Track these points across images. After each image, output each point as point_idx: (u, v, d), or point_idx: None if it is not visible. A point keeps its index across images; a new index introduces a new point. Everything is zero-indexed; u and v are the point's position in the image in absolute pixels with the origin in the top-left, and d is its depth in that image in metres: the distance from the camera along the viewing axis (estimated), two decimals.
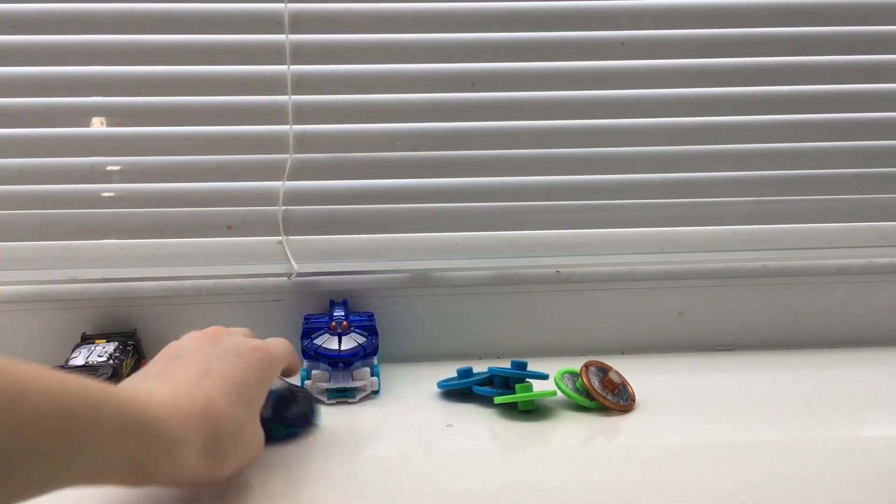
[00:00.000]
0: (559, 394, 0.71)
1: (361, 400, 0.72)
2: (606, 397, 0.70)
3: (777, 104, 0.86)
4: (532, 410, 0.70)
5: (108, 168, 0.83)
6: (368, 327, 0.77)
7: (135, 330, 0.82)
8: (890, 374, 0.80)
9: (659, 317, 0.88)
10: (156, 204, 0.83)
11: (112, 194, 0.84)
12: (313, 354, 0.72)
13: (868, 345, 0.87)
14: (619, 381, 0.71)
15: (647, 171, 0.87)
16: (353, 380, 0.72)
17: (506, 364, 0.74)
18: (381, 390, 0.75)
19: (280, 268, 0.84)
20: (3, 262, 0.83)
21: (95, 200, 0.83)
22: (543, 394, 0.69)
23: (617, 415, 0.69)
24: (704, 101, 0.86)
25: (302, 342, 0.74)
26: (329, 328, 0.75)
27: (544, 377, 0.73)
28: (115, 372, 0.72)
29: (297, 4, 0.82)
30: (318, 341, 0.73)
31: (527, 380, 0.72)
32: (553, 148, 0.85)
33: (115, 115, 0.83)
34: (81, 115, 0.82)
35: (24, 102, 0.81)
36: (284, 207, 0.84)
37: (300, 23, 0.82)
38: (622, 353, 0.87)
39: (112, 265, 0.84)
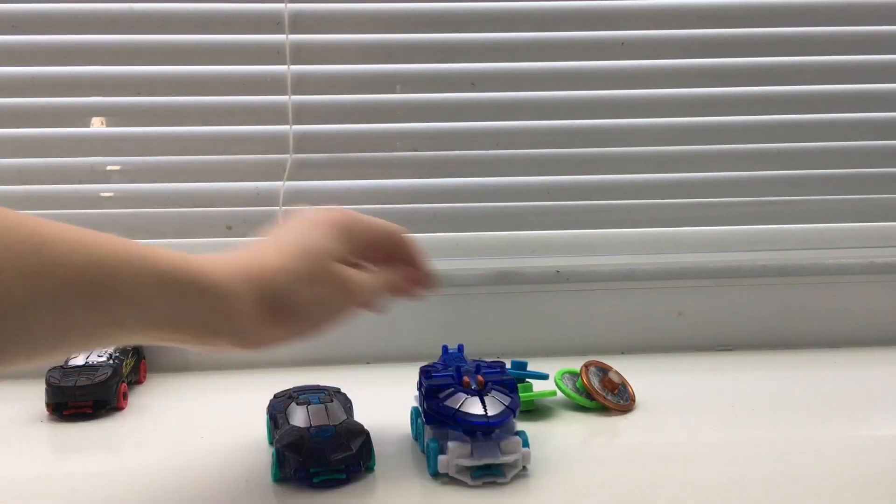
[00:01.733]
0: (559, 394, 0.71)
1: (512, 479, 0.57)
2: (606, 397, 0.70)
3: (777, 104, 0.86)
4: (532, 410, 0.70)
5: (108, 168, 0.83)
6: (506, 382, 0.60)
7: None
8: (890, 374, 0.79)
9: (659, 317, 0.87)
10: (156, 204, 0.83)
11: (111, 194, 0.83)
12: (452, 420, 0.56)
13: (868, 345, 0.87)
14: (619, 381, 0.71)
15: (647, 171, 0.87)
16: (501, 453, 0.56)
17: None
18: (377, 393, 0.73)
19: None
20: None
21: (95, 200, 0.83)
22: (543, 394, 0.69)
23: (617, 415, 0.69)
24: (704, 101, 0.86)
25: (427, 403, 0.58)
26: (461, 384, 0.58)
27: (544, 377, 0.73)
28: (115, 371, 0.71)
29: (297, 4, 0.82)
30: (452, 403, 0.57)
31: (527, 380, 0.72)
32: (553, 148, 0.85)
33: (115, 115, 0.83)
34: (81, 115, 0.82)
35: (24, 102, 0.81)
36: (284, 207, 0.84)
37: (300, 23, 0.82)
38: (622, 353, 0.87)
39: None
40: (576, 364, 0.73)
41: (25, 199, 0.82)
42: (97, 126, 0.83)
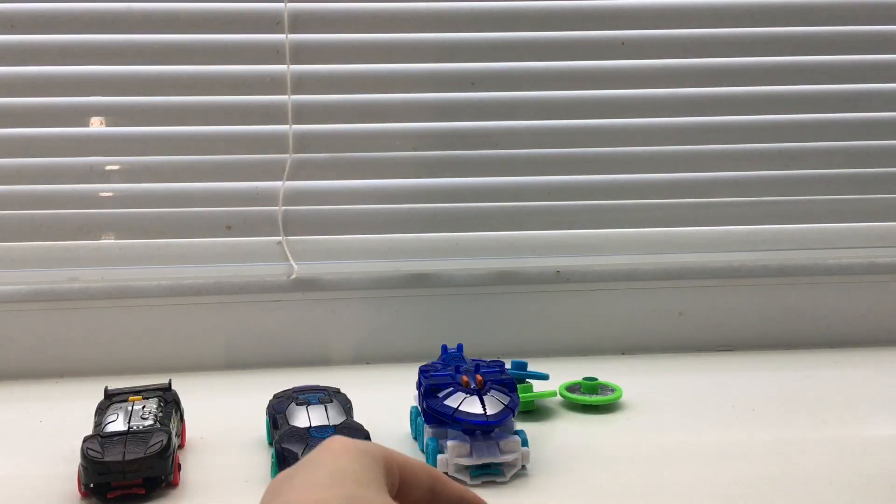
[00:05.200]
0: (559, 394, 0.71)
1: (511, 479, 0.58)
2: None
3: (777, 104, 0.86)
4: (532, 410, 0.70)
5: (107, 168, 0.83)
6: (505, 381, 0.60)
7: (170, 381, 0.66)
8: (890, 374, 0.79)
9: (659, 317, 0.87)
10: (156, 204, 0.83)
11: (111, 194, 0.83)
12: (451, 420, 0.56)
13: (868, 345, 0.87)
14: None
15: (647, 171, 0.86)
16: (500, 452, 0.57)
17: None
18: (377, 393, 0.73)
19: (280, 268, 0.84)
20: (3, 262, 0.82)
21: (94, 200, 0.83)
22: (543, 394, 0.70)
23: (616, 415, 0.69)
24: (704, 101, 0.86)
25: (425, 402, 0.59)
26: (460, 384, 0.59)
27: (544, 377, 0.73)
28: (170, 438, 0.57)
29: (297, 4, 0.82)
30: (451, 402, 0.57)
31: (527, 380, 0.72)
32: (553, 148, 0.85)
33: (114, 115, 0.83)
34: (80, 115, 0.82)
35: (24, 102, 0.81)
36: (284, 207, 0.84)
37: (300, 22, 0.82)
38: (622, 353, 0.87)
39: (112, 265, 0.83)
40: (576, 364, 0.73)
41: (25, 199, 0.82)
42: (96, 126, 0.83)
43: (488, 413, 0.56)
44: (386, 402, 0.69)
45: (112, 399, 0.63)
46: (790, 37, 0.86)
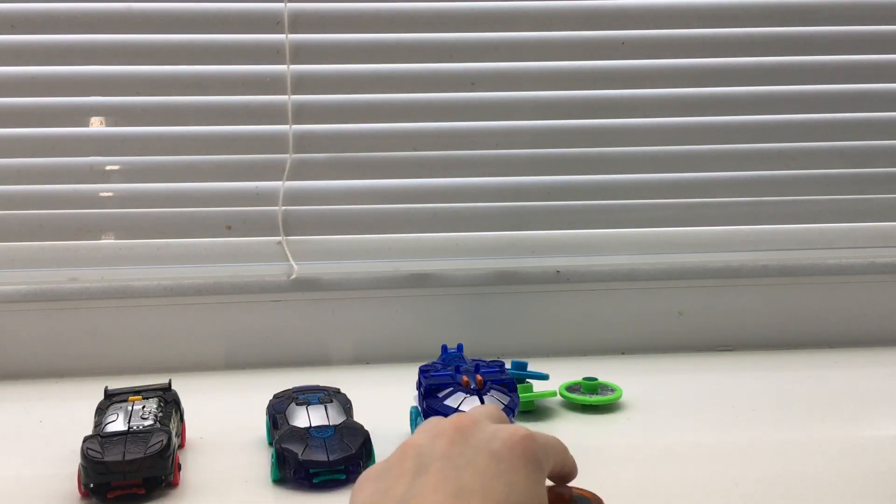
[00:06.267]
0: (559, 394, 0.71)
1: None
2: None
3: (777, 104, 0.86)
4: (532, 410, 0.70)
5: (108, 168, 0.83)
6: (505, 381, 0.61)
7: (170, 381, 0.66)
8: (890, 374, 0.79)
9: (659, 317, 0.87)
10: (156, 204, 0.83)
11: (111, 194, 0.83)
12: None
13: (868, 345, 0.87)
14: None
15: (647, 171, 0.86)
16: None
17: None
18: (377, 393, 0.73)
19: (280, 268, 0.84)
20: (3, 262, 0.82)
21: (94, 200, 0.83)
22: (543, 394, 0.70)
23: (616, 415, 0.69)
24: (704, 101, 0.86)
25: (426, 402, 0.60)
26: (460, 384, 0.60)
27: (544, 377, 0.73)
28: (170, 438, 0.57)
29: (297, 4, 0.82)
30: (451, 402, 0.58)
31: (527, 380, 0.72)
32: (553, 148, 0.85)
33: (114, 115, 0.83)
34: (80, 115, 0.82)
35: (23, 102, 0.81)
36: (284, 207, 0.84)
37: (300, 22, 0.82)
38: (622, 353, 0.87)
39: (112, 265, 0.83)
40: (576, 364, 0.73)
41: (25, 199, 0.82)
42: (96, 126, 0.83)
43: None
44: (386, 402, 0.69)
45: (112, 399, 0.63)
46: (790, 37, 0.86)
